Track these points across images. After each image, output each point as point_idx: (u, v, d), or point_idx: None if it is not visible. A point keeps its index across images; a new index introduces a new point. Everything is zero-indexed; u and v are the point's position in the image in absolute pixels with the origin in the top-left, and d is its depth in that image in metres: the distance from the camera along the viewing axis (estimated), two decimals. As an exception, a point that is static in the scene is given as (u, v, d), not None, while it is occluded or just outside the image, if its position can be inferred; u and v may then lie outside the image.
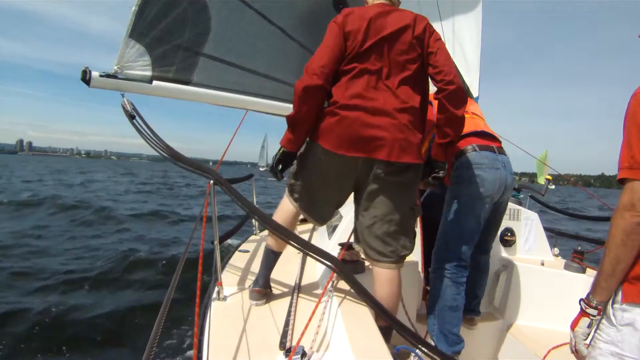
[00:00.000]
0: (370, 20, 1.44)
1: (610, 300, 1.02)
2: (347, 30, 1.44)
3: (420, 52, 1.46)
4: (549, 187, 3.51)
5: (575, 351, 1.13)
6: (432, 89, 1.55)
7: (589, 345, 1.08)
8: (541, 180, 3.66)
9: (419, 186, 1.67)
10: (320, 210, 1.55)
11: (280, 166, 1.51)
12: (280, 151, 1.49)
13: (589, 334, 1.10)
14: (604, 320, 1.03)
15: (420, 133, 1.45)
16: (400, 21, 1.45)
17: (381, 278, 1.48)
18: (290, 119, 1.44)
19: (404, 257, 1.51)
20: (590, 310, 1.07)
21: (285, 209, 1.56)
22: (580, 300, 1.10)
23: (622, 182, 0.98)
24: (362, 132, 1.37)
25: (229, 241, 2.65)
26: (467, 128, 1.85)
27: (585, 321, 1.08)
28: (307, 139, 1.50)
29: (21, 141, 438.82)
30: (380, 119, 1.37)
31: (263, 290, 1.56)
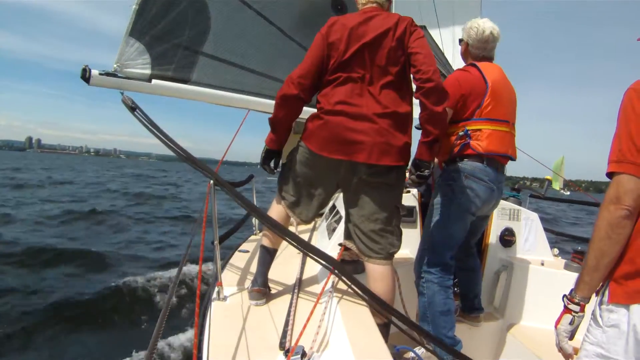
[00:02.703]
0: (351, 28, 1.48)
1: (598, 301, 1.01)
2: (330, 41, 1.50)
3: (402, 54, 1.48)
4: (564, 193, 3.46)
5: (560, 349, 1.10)
6: None
7: (578, 349, 1.06)
8: (556, 186, 3.59)
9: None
10: (304, 209, 1.61)
11: (272, 162, 1.67)
12: (265, 149, 1.64)
13: (572, 332, 1.07)
14: (591, 322, 1.01)
15: (405, 136, 1.50)
16: (382, 26, 1.48)
17: (374, 274, 1.53)
18: (270, 121, 1.62)
19: (392, 254, 1.55)
20: (572, 306, 1.05)
21: (275, 208, 1.64)
22: (564, 296, 1.08)
23: (610, 176, 0.97)
24: (344, 135, 1.44)
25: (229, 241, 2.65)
26: (505, 148, 1.79)
27: (567, 318, 1.06)
28: (299, 140, 1.59)
29: (30, 138, 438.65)
30: (362, 124, 1.44)
31: (262, 290, 1.57)
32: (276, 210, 1.64)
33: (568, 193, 3.50)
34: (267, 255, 1.62)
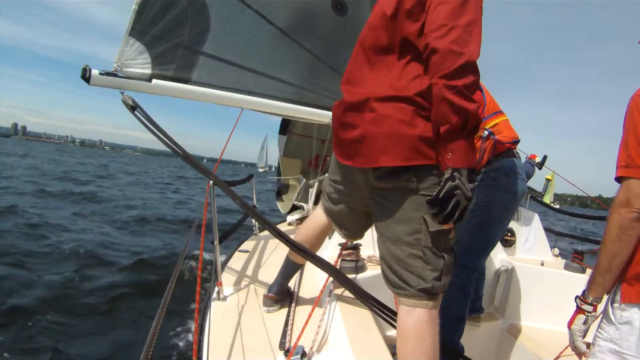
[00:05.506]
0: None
1: (610, 300, 1.05)
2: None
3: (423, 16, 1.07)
4: (554, 206, 3.60)
5: (574, 348, 1.15)
6: None
7: (590, 344, 1.09)
8: (547, 199, 3.75)
9: None
10: (344, 226, 1.35)
11: None
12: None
13: (585, 331, 1.11)
14: (604, 319, 1.05)
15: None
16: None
17: (400, 316, 1.07)
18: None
19: (424, 291, 1.03)
20: (585, 307, 1.09)
21: (318, 210, 1.44)
22: (576, 297, 1.12)
23: (619, 180, 1.01)
24: (339, 133, 1.15)
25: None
26: (513, 134, 1.82)
27: (581, 318, 1.11)
28: None
29: (15, 125, 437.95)
30: (357, 115, 1.09)
31: (276, 297, 1.52)
32: (318, 213, 1.42)
33: (558, 207, 3.65)
34: (291, 268, 1.54)
